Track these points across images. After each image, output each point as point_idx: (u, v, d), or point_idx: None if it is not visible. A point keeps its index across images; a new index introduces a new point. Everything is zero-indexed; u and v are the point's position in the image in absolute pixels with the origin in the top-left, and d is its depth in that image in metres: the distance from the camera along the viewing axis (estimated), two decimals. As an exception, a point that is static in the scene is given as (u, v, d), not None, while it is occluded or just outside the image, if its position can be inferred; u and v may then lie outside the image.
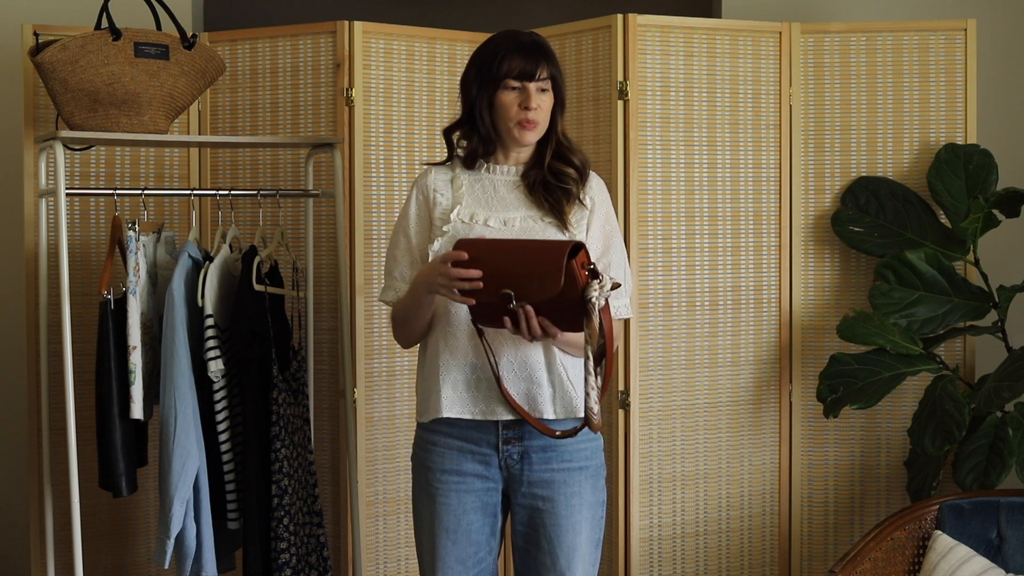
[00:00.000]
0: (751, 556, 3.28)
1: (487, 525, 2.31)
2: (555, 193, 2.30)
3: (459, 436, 2.29)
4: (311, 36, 3.16)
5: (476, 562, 2.30)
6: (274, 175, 3.22)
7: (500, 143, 2.32)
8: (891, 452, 3.28)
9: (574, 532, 2.28)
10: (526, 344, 2.24)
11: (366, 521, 3.13)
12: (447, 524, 2.28)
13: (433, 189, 2.34)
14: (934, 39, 3.27)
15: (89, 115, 2.76)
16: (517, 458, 2.28)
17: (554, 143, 2.32)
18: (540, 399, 2.26)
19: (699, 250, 3.21)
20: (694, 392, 3.21)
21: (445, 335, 2.27)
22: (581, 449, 2.30)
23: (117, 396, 2.68)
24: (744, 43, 3.23)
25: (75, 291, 2.88)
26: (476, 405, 2.26)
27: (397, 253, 2.36)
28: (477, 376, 2.26)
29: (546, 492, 2.28)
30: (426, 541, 2.33)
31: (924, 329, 3.14)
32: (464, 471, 2.29)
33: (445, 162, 2.39)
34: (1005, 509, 2.78)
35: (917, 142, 3.28)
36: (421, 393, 2.35)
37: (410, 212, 2.35)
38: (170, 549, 2.66)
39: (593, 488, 2.32)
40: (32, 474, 3.04)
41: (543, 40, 2.31)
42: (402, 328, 2.33)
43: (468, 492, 2.28)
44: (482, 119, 2.28)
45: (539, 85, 2.26)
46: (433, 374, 2.29)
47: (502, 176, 2.33)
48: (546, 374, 2.26)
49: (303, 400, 2.94)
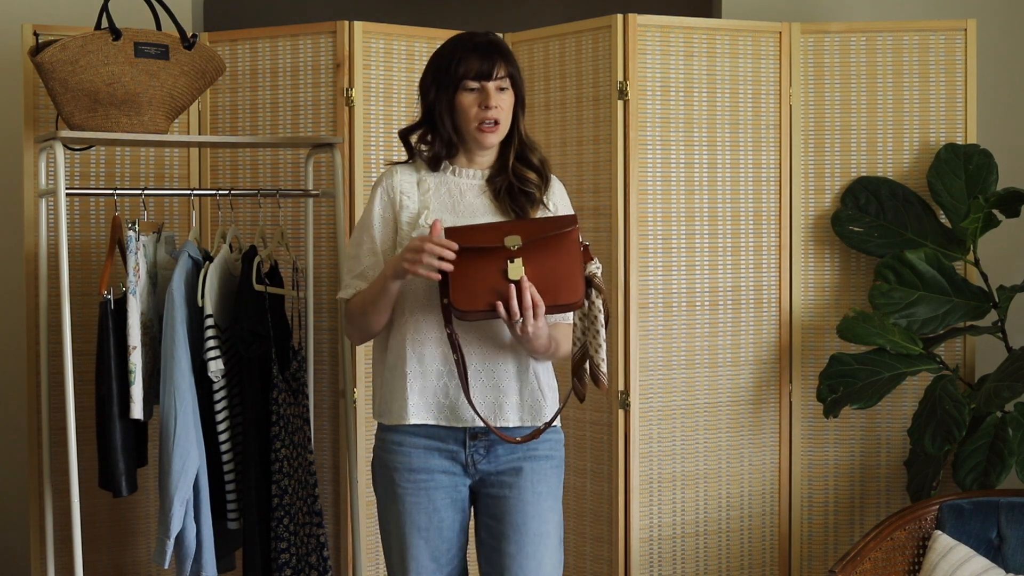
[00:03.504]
0: (751, 556, 3.28)
1: (457, 521, 2.30)
2: (518, 199, 2.29)
3: (425, 435, 2.27)
4: (311, 36, 3.16)
5: (449, 559, 2.29)
6: (274, 175, 3.22)
7: (463, 145, 2.31)
8: (891, 452, 3.28)
9: (541, 519, 2.27)
10: (496, 352, 2.24)
11: (366, 521, 3.13)
12: (419, 523, 2.26)
13: (400, 191, 2.31)
14: (934, 39, 3.27)
15: (89, 115, 2.76)
16: (483, 452, 2.27)
17: (516, 143, 2.31)
18: (507, 407, 2.25)
19: (699, 250, 3.21)
20: (694, 392, 3.21)
21: (414, 341, 2.24)
22: (545, 440, 2.29)
23: (117, 396, 2.68)
24: (744, 43, 3.23)
25: (75, 291, 2.88)
26: (442, 412, 2.25)
27: (360, 252, 2.32)
28: (444, 383, 2.24)
29: (512, 479, 2.27)
30: (396, 544, 2.30)
31: (924, 329, 3.14)
32: (432, 468, 2.27)
33: (407, 162, 2.36)
34: (1005, 509, 2.78)
35: (917, 142, 3.28)
36: (383, 395, 2.31)
37: (374, 212, 2.32)
38: (170, 549, 2.66)
39: (557, 479, 2.32)
40: (32, 474, 3.04)
41: (499, 39, 2.30)
42: (359, 320, 2.28)
43: (437, 488, 2.27)
44: (442, 122, 2.27)
45: (497, 84, 2.24)
46: (399, 379, 2.25)
47: (468, 180, 2.32)
48: (516, 383, 2.26)
49: (303, 400, 2.94)
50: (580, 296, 2.14)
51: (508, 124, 2.28)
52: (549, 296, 2.14)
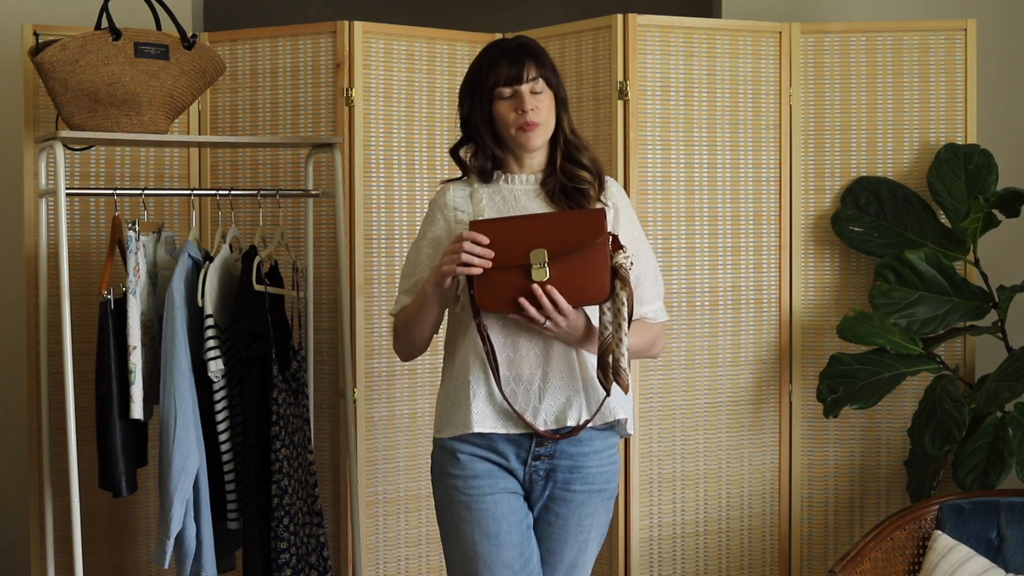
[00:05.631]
0: (751, 556, 3.28)
1: (523, 524, 2.24)
2: (573, 196, 2.25)
3: (486, 447, 2.22)
4: (311, 36, 3.16)
5: (523, 564, 2.21)
6: (274, 175, 3.22)
7: (510, 153, 2.27)
8: (891, 452, 3.28)
9: (578, 550, 2.27)
10: (563, 354, 2.20)
11: (366, 521, 3.13)
12: (488, 529, 2.20)
13: (453, 207, 2.28)
14: (934, 39, 3.27)
15: (89, 115, 2.76)
16: (543, 474, 2.24)
17: (563, 142, 2.27)
18: (571, 408, 2.21)
19: (699, 250, 3.21)
20: (694, 392, 3.21)
21: (475, 348, 2.20)
22: (603, 472, 2.27)
23: (117, 396, 2.68)
24: (744, 43, 3.23)
25: (75, 291, 2.88)
26: (510, 418, 2.20)
27: (411, 271, 2.29)
28: (511, 389, 2.20)
29: (561, 509, 2.25)
30: (464, 552, 2.21)
31: (924, 329, 3.14)
32: (494, 476, 2.22)
33: (461, 178, 2.33)
34: (1005, 509, 2.78)
35: (917, 142, 3.28)
36: (446, 407, 2.26)
37: (429, 232, 2.29)
38: (170, 549, 2.66)
39: (606, 510, 2.30)
40: (32, 474, 3.04)
41: (529, 41, 2.27)
42: (404, 333, 2.27)
43: (501, 492, 2.22)
44: (482, 135, 2.24)
45: (530, 86, 2.20)
46: (463, 388, 2.21)
47: (521, 185, 2.28)
48: (580, 382, 2.22)
49: (303, 400, 2.94)
50: (606, 293, 2.11)
51: (551, 124, 2.24)
52: (574, 296, 2.10)
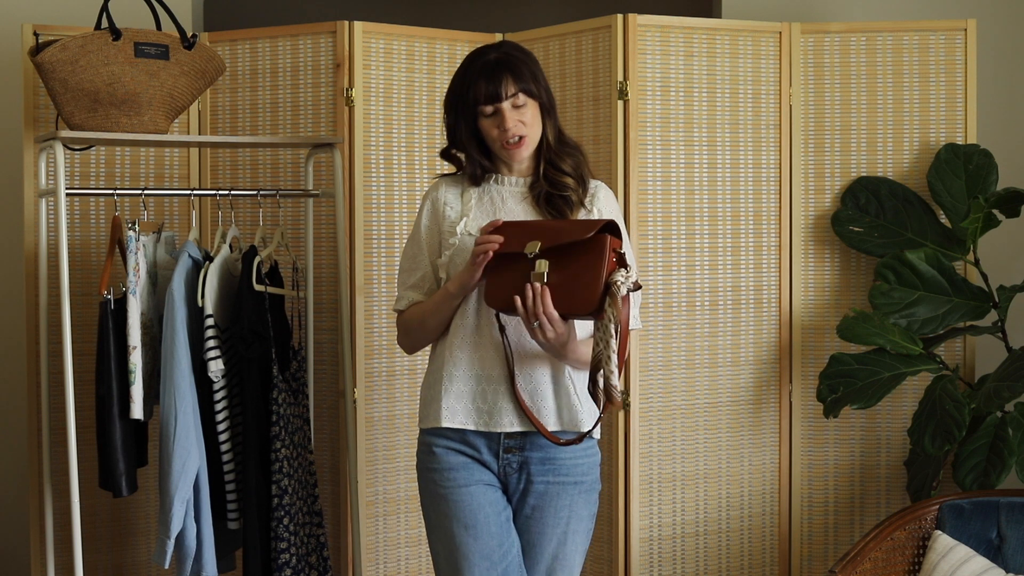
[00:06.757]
0: (751, 556, 3.28)
1: (502, 516, 2.27)
2: (555, 202, 2.30)
3: (460, 440, 2.28)
4: (311, 36, 3.16)
5: (502, 555, 2.25)
6: (274, 175, 3.22)
7: (498, 159, 2.33)
8: (891, 452, 3.28)
9: (558, 542, 2.29)
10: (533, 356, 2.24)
11: (366, 521, 3.13)
12: (465, 520, 2.24)
13: (444, 202, 2.35)
14: (934, 39, 3.27)
15: (89, 115, 2.76)
16: (516, 467, 2.28)
17: (545, 149, 2.32)
18: (544, 411, 2.26)
19: (699, 250, 3.21)
20: (694, 392, 3.21)
21: (451, 344, 2.27)
22: (579, 464, 2.30)
23: (117, 396, 2.68)
24: (744, 43, 3.23)
25: (75, 291, 2.88)
26: (480, 416, 2.26)
27: (411, 264, 2.37)
28: (482, 388, 2.25)
29: (536, 502, 2.28)
30: (446, 543, 2.27)
31: (924, 329, 3.14)
32: (469, 468, 2.27)
33: (456, 173, 2.39)
34: (1005, 509, 2.78)
35: (917, 142, 3.28)
36: (424, 399, 2.34)
37: (422, 223, 2.36)
38: (170, 549, 2.66)
39: (586, 502, 2.32)
40: (32, 474, 3.03)
41: (508, 53, 2.28)
42: (416, 330, 2.33)
43: (476, 484, 2.26)
44: (469, 148, 2.30)
45: (511, 102, 2.24)
46: (437, 382, 2.28)
47: (510, 187, 2.34)
48: (551, 386, 2.26)
49: (303, 400, 2.94)
50: (593, 306, 2.11)
51: (537, 134, 2.29)
52: (563, 303, 2.13)
